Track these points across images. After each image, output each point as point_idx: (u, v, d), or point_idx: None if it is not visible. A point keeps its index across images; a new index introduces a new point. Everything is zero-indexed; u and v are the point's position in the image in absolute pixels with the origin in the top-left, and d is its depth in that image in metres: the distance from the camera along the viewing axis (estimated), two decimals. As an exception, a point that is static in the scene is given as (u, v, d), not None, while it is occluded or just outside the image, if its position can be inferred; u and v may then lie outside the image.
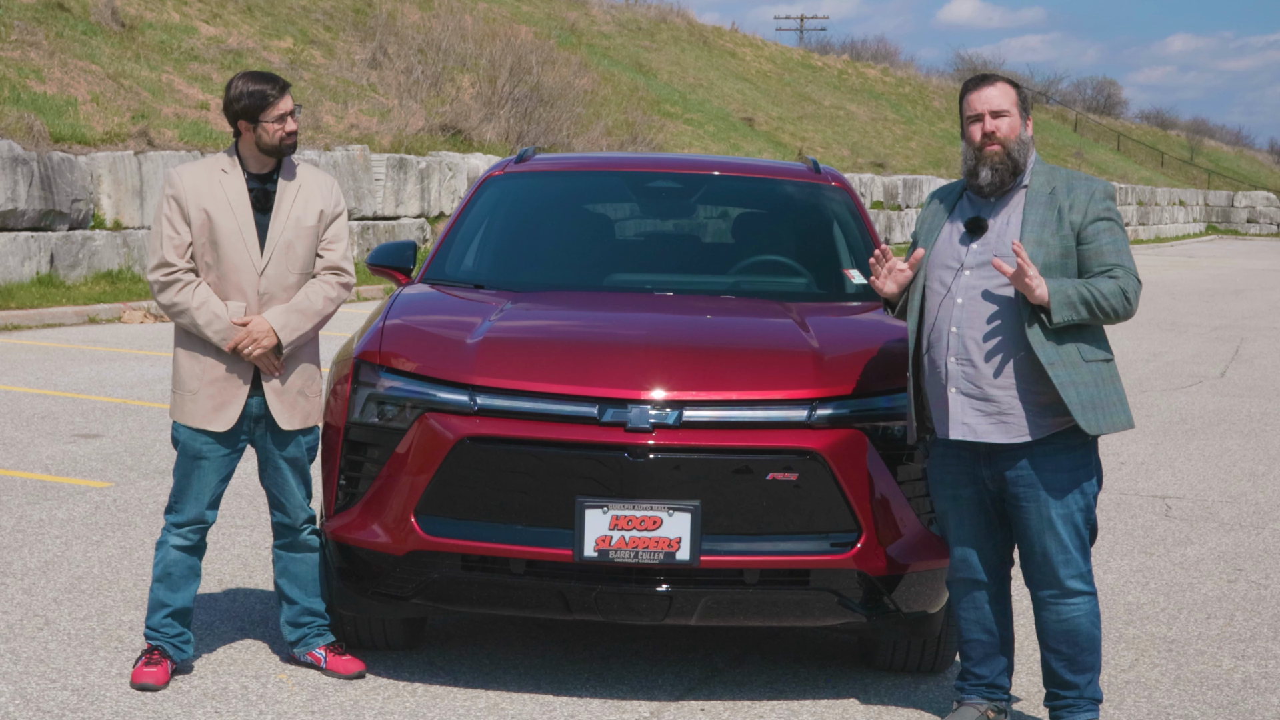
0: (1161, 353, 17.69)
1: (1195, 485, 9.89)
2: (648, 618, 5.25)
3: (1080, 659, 5.09)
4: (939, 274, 5.12)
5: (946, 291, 5.08)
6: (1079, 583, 5.05)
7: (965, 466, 5.11)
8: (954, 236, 5.14)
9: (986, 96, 5.10)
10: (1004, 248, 5.02)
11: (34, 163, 17.81)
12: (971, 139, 5.11)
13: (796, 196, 7.30)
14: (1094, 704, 5.15)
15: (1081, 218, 5.02)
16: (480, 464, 5.26)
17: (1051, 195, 5.07)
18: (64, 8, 23.01)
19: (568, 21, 41.38)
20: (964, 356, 5.02)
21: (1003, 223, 5.08)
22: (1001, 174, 5.07)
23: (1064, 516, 5.00)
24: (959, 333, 5.03)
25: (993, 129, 5.05)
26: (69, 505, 8.12)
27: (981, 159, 5.07)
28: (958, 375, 5.03)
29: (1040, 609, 5.12)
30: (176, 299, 5.42)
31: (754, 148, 39.21)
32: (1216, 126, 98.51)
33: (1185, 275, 34.46)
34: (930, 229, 5.23)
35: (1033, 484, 5.00)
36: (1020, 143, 5.08)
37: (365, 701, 5.37)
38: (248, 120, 5.44)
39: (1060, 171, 5.15)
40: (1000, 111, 5.07)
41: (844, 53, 66.32)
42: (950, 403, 5.04)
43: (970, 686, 5.27)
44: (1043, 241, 5.00)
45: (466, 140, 27.78)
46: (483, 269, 6.80)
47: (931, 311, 5.12)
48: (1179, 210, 62.95)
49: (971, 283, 5.05)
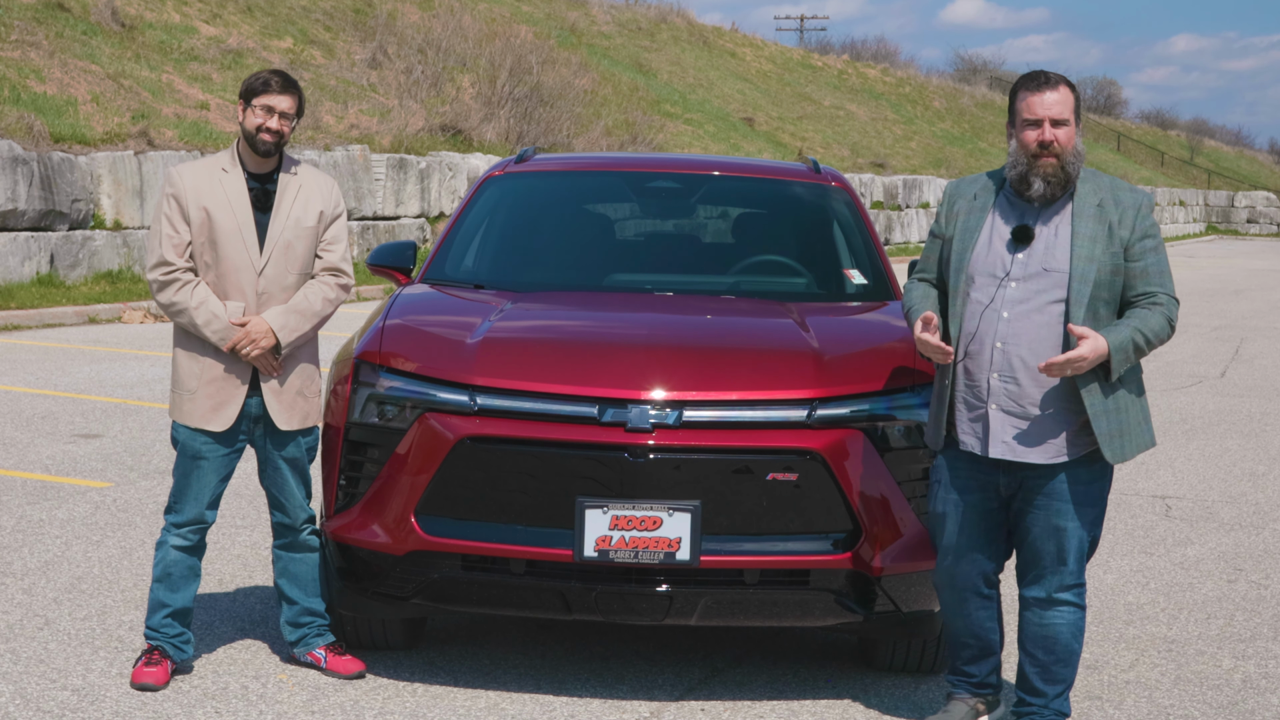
0: (1161, 353, 17.68)
1: (1195, 485, 9.89)
2: (648, 618, 5.25)
3: (1054, 669, 5.03)
4: (982, 282, 4.92)
5: (989, 303, 4.89)
6: (1070, 594, 5.00)
7: (976, 473, 5.01)
8: (996, 241, 4.93)
9: (1048, 102, 4.83)
10: (1052, 260, 4.85)
11: (34, 163, 17.81)
12: (1026, 145, 4.84)
13: (796, 197, 7.30)
14: (1059, 716, 5.08)
15: (1129, 233, 4.88)
16: (480, 464, 5.26)
17: (1100, 209, 4.88)
18: (64, 8, 23.01)
19: (568, 21, 41.39)
20: (1008, 374, 4.87)
21: (1051, 234, 4.88)
22: (1054, 187, 4.85)
23: (1074, 528, 4.94)
24: (1004, 349, 4.87)
25: (1051, 139, 4.81)
26: (69, 505, 8.12)
27: (1034, 169, 4.84)
28: (999, 392, 4.89)
29: (1025, 610, 5.07)
30: (175, 298, 5.42)
31: (754, 148, 39.22)
32: (1217, 126, 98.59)
33: (1185, 275, 34.45)
34: (969, 228, 5.00)
35: (1050, 494, 4.92)
36: (1075, 154, 4.85)
37: (365, 701, 5.37)
38: (244, 100, 5.47)
39: (1103, 179, 4.97)
40: (1061, 120, 4.83)
41: (844, 53, 66.33)
42: (991, 420, 4.90)
43: (960, 682, 5.25)
44: (1094, 257, 4.83)
45: (466, 140, 27.78)
46: (483, 269, 6.80)
47: (972, 321, 4.93)
48: (1179, 210, 62.96)
49: (1018, 296, 4.86)
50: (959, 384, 4.99)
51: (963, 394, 4.98)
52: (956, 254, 5.02)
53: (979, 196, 5.05)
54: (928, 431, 5.19)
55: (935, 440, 5.10)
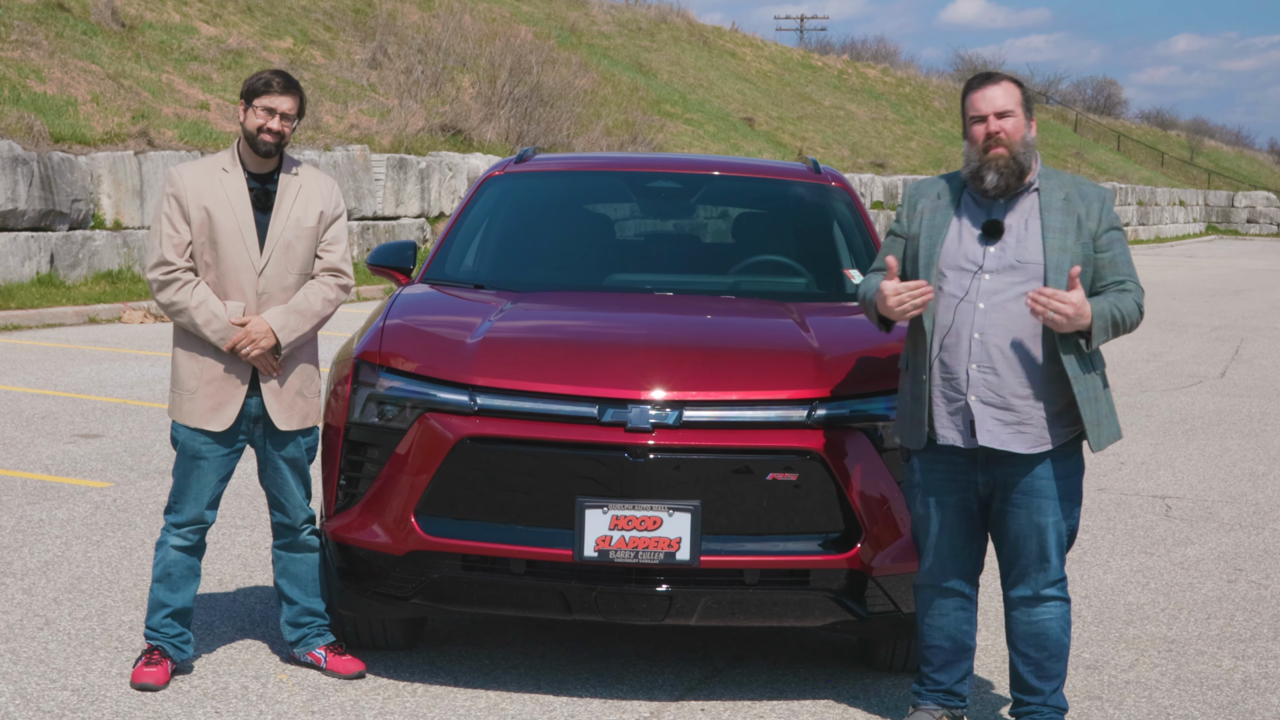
0: (1161, 353, 17.69)
1: (1195, 485, 9.89)
2: (648, 618, 5.25)
3: (1047, 665, 5.05)
4: (954, 276, 4.98)
5: (964, 295, 4.94)
6: (1055, 589, 5.01)
7: (955, 472, 5.03)
8: (965, 236, 5.00)
9: (990, 96, 4.97)
10: (1025, 253, 4.92)
11: (34, 163, 17.81)
12: (975, 140, 4.97)
13: (796, 197, 7.30)
14: (1059, 712, 5.10)
15: (1097, 225, 4.97)
16: (480, 464, 5.26)
17: (1067, 202, 4.98)
18: (64, 8, 23.01)
19: (568, 21, 41.39)
20: (987, 364, 4.91)
21: (1020, 228, 4.96)
22: (1007, 178, 4.95)
23: (1055, 523, 4.96)
24: (982, 339, 4.91)
25: (997, 130, 4.93)
26: (69, 505, 8.12)
27: (986, 162, 4.95)
28: (979, 383, 4.92)
29: (1013, 610, 5.07)
30: (175, 298, 5.42)
31: (754, 148, 39.22)
32: (1216, 126, 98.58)
33: (1185, 275, 34.45)
34: (935, 224, 5.06)
35: (1029, 490, 4.95)
36: (1025, 145, 4.96)
37: (365, 701, 5.37)
38: (245, 100, 5.47)
39: (1064, 175, 5.08)
40: (1005, 112, 4.95)
41: (844, 53, 66.34)
42: (974, 411, 4.93)
43: (928, 692, 5.22)
44: (1067, 248, 4.91)
45: (466, 140, 27.78)
46: (483, 269, 6.80)
47: (947, 315, 4.97)
48: (1179, 210, 62.95)
49: (993, 287, 4.92)
50: (935, 378, 5.01)
51: (940, 388, 5.00)
52: (925, 249, 5.06)
53: (942, 196, 5.13)
54: (904, 432, 5.13)
55: (917, 440, 5.07)
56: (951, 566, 5.10)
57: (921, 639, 5.22)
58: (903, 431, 5.14)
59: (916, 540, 5.20)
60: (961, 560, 5.10)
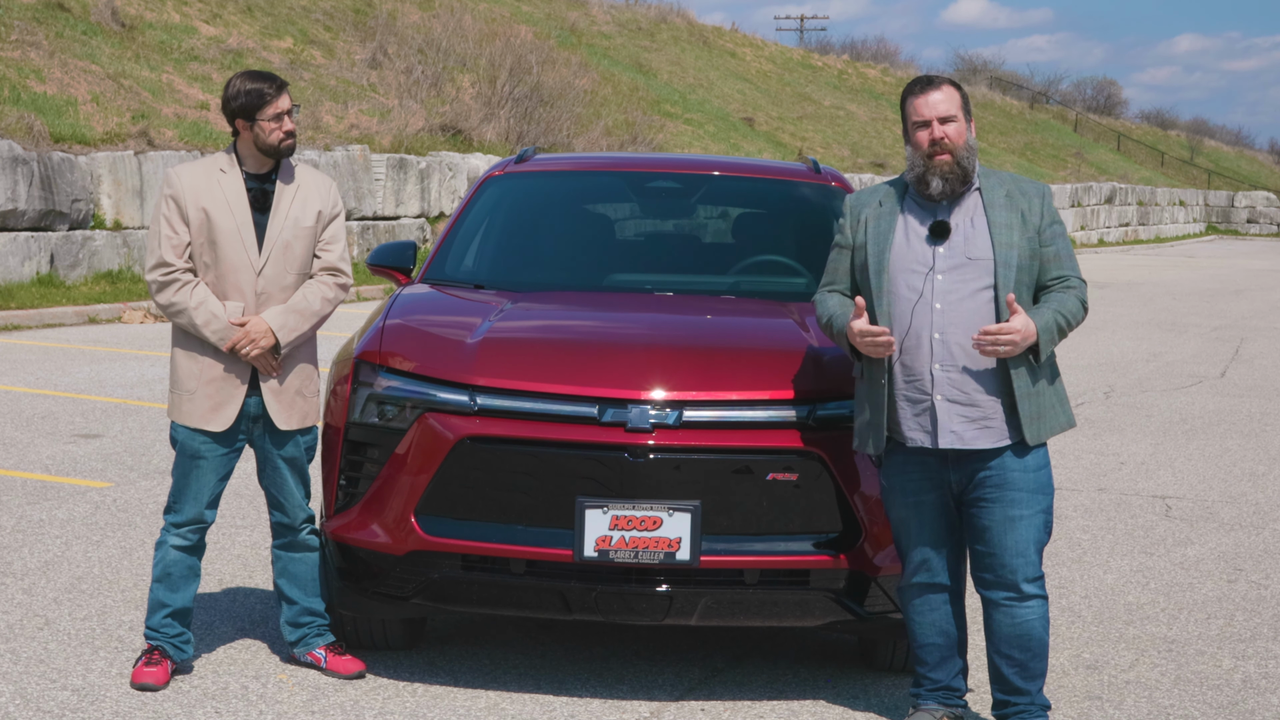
0: (1161, 353, 17.69)
1: (1195, 485, 9.89)
2: (648, 618, 5.25)
3: (1031, 665, 5.05)
4: (905, 279, 5.01)
5: (919, 296, 4.99)
6: (1034, 586, 5.01)
7: (928, 472, 5.05)
8: (913, 238, 5.05)
9: (933, 101, 5.01)
10: (974, 249, 4.98)
11: (34, 163, 17.81)
12: (919, 145, 5.01)
13: (796, 197, 7.30)
14: (1044, 710, 5.10)
15: (1040, 219, 5.05)
16: (480, 464, 5.26)
17: (1009, 198, 5.05)
18: (64, 8, 23.01)
19: (568, 21, 41.39)
20: (949, 362, 4.95)
21: (967, 225, 5.02)
22: (952, 183, 5.00)
23: (1028, 517, 4.97)
24: (943, 338, 4.95)
25: (941, 135, 4.97)
26: (69, 505, 8.12)
27: (930, 169, 5.00)
28: (944, 382, 4.96)
29: (993, 611, 5.06)
30: (174, 299, 5.42)
31: (754, 148, 39.22)
32: (1217, 126, 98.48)
33: (1185, 275, 34.46)
34: (880, 231, 5.09)
35: (1000, 484, 4.97)
36: (968, 149, 5.02)
37: (365, 701, 5.37)
38: (245, 119, 5.44)
39: (1003, 174, 5.16)
40: (948, 117, 4.99)
41: (844, 53, 66.32)
42: (939, 411, 4.96)
43: (926, 692, 5.23)
44: (1013, 243, 4.98)
45: (466, 140, 27.78)
46: (483, 269, 6.80)
47: (904, 317, 5.00)
48: (1179, 210, 62.95)
49: (947, 286, 4.97)
50: (897, 381, 5.03)
51: (903, 390, 5.02)
52: (874, 256, 5.09)
53: (884, 203, 5.16)
54: (865, 439, 5.10)
55: (877, 445, 5.07)
56: (937, 562, 5.13)
57: (914, 639, 5.23)
58: (863, 439, 5.13)
59: (899, 544, 5.21)
60: (945, 556, 5.13)
